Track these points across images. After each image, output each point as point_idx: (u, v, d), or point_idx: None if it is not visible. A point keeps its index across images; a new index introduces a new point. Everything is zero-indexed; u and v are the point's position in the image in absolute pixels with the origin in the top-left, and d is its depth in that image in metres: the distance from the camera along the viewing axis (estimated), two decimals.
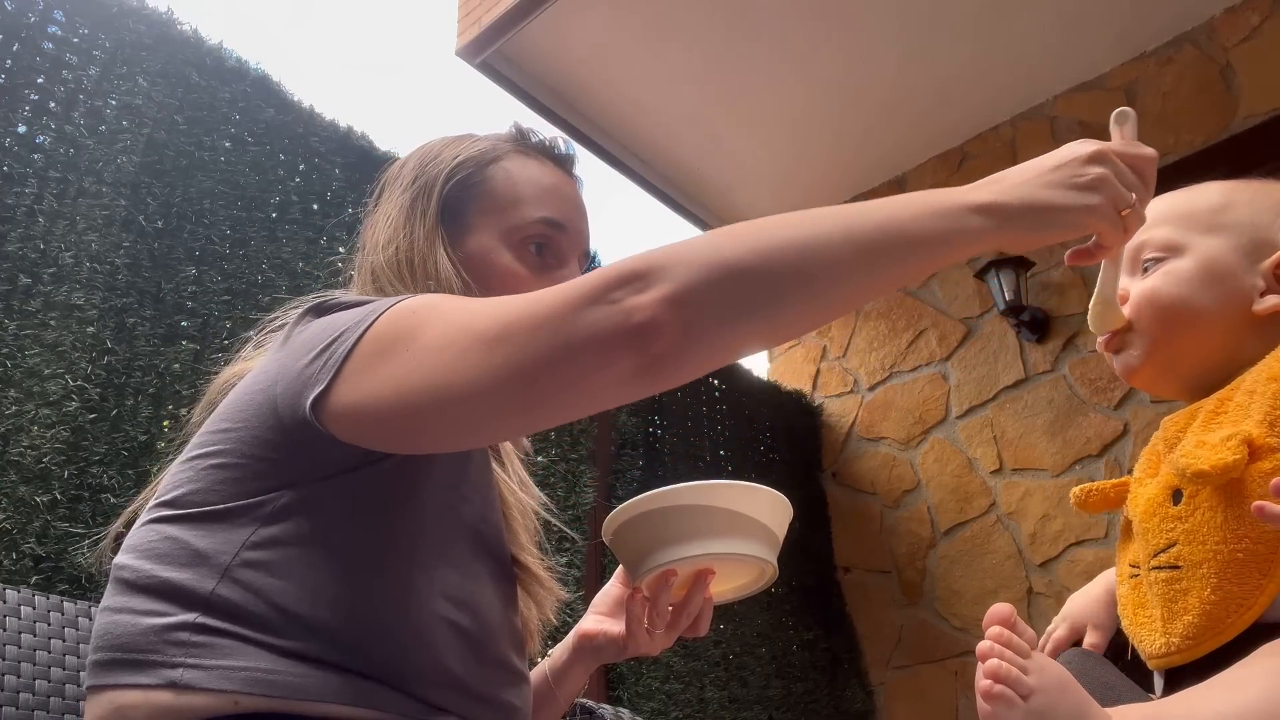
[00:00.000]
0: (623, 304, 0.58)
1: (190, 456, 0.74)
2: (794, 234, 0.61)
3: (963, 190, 0.66)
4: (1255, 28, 3.29)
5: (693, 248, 0.60)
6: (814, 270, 0.61)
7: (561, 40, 3.43)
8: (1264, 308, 0.82)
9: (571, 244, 0.92)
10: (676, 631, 0.86)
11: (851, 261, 0.61)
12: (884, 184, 4.22)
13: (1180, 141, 3.36)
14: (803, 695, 3.32)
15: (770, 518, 0.81)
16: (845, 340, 4.16)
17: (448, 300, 0.69)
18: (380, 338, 0.66)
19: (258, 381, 0.73)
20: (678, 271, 0.58)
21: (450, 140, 0.96)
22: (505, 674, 0.80)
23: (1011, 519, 3.44)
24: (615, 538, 0.83)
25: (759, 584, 0.86)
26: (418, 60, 19.56)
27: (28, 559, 1.51)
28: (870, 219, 0.62)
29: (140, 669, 0.65)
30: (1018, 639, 0.65)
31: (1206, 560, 0.75)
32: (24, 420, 1.58)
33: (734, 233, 0.62)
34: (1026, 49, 3.52)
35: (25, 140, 1.79)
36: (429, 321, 0.65)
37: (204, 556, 0.68)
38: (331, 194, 2.30)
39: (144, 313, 1.84)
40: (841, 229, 0.62)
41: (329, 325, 0.71)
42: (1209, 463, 0.73)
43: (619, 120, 3.82)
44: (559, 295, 0.60)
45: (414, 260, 0.85)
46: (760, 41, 3.44)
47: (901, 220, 0.63)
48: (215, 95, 2.13)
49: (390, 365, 0.64)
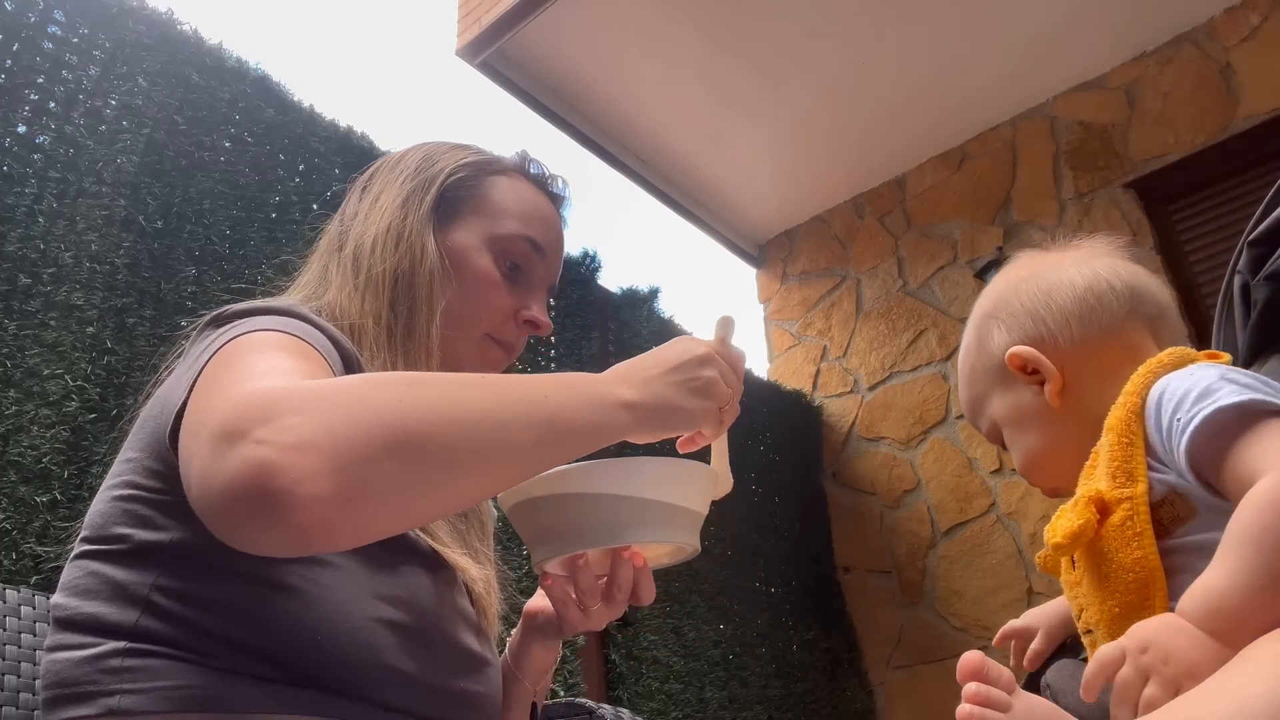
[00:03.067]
0: (255, 445, 0.54)
1: (106, 486, 0.75)
2: (479, 411, 0.61)
3: (609, 383, 0.71)
4: (1255, 28, 3.29)
5: (359, 412, 0.56)
6: (493, 453, 0.62)
7: (561, 40, 3.43)
8: (1051, 396, 0.87)
9: (544, 274, 0.97)
10: (617, 604, 0.79)
11: (529, 449, 0.64)
12: (884, 184, 4.23)
13: (1180, 141, 3.36)
14: (803, 695, 3.32)
15: (683, 495, 0.74)
16: (845, 340, 4.16)
17: (256, 343, 0.68)
18: (208, 372, 0.67)
19: (153, 406, 0.75)
20: (306, 424, 0.54)
21: (455, 145, 1.00)
22: (462, 661, 0.79)
23: (1011, 519, 3.44)
24: (511, 517, 0.76)
25: (681, 556, 0.80)
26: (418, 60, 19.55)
27: (28, 559, 1.51)
28: (545, 407, 0.65)
29: (80, 701, 0.66)
30: (995, 691, 0.64)
31: (1100, 620, 0.78)
32: (24, 420, 1.58)
33: (401, 406, 0.58)
34: (1026, 49, 3.52)
35: (25, 140, 1.79)
36: (223, 363, 0.66)
37: (122, 589, 0.69)
38: (331, 194, 2.29)
39: (144, 313, 1.83)
40: (523, 416, 0.64)
41: (201, 350, 0.72)
42: (1061, 534, 0.76)
43: (619, 120, 3.82)
44: (219, 425, 0.56)
45: (403, 238, 0.89)
46: (760, 42, 3.44)
47: (568, 411, 0.67)
48: (215, 95, 2.13)
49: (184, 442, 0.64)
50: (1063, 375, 0.87)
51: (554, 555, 0.74)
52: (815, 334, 4.29)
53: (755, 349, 4.53)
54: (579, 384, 0.70)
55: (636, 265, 12.85)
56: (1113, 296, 0.88)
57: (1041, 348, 0.88)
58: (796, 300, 4.42)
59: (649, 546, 0.79)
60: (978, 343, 0.96)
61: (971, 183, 3.93)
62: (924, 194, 4.08)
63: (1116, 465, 0.76)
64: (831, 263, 4.34)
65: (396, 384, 0.61)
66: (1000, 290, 0.95)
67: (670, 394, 0.73)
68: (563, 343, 2.88)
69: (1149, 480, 0.74)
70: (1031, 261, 0.96)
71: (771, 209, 4.42)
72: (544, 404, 0.65)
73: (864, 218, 4.28)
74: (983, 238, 3.80)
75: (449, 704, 0.77)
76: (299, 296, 0.90)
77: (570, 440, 0.67)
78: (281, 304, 0.79)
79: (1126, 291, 0.88)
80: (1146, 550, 0.73)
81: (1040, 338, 0.89)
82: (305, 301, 0.88)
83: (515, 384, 0.66)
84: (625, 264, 8.97)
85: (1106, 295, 0.88)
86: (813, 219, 4.46)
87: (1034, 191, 3.73)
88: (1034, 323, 0.90)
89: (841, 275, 4.29)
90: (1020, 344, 0.89)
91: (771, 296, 4.55)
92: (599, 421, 0.69)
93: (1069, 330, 0.88)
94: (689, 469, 0.75)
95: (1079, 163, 3.63)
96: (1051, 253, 0.96)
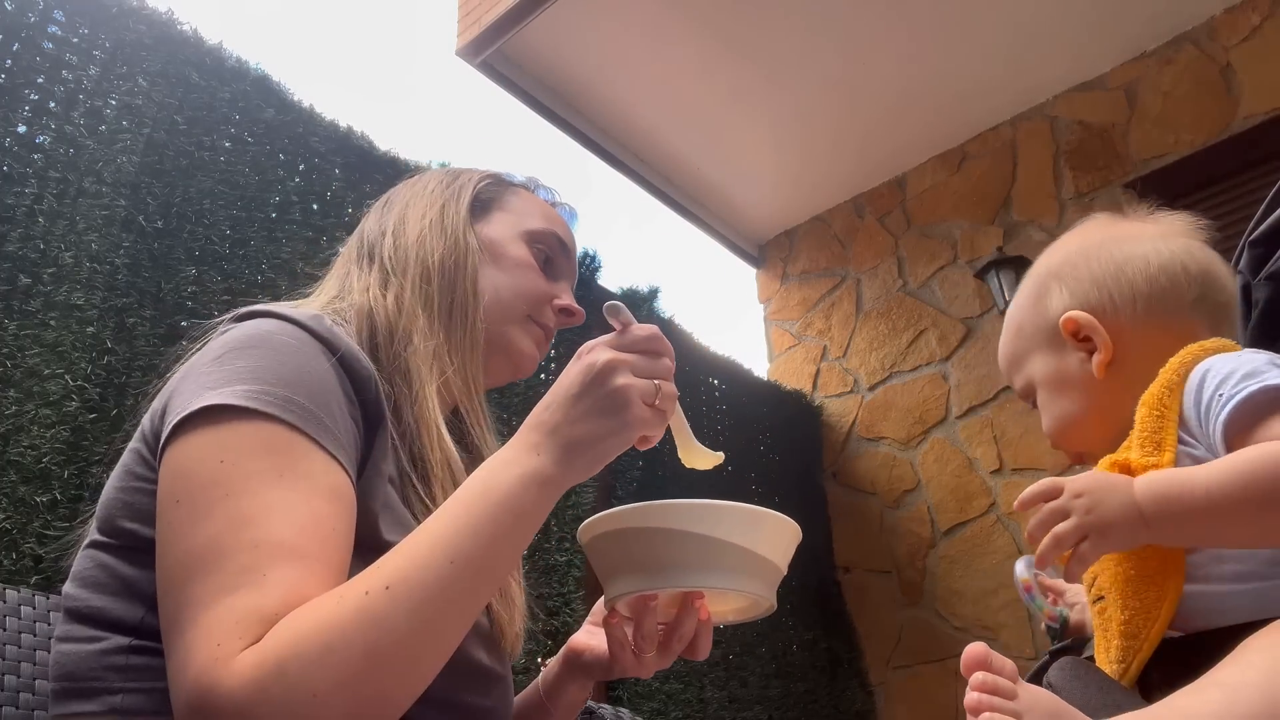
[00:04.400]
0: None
1: (115, 475, 0.76)
2: (408, 629, 0.61)
3: (516, 462, 0.68)
4: (1255, 28, 3.29)
5: (295, 697, 0.58)
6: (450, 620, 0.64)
7: (561, 40, 3.43)
8: (1099, 367, 0.86)
9: (569, 270, 1.02)
10: (671, 654, 0.78)
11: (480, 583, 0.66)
12: (884, 184, 4.22)
13: (1180, 141, 3.36)
14: (803, 695, 3.32)
15: (771, 548, 0.72)
16: (845, 340, 4.16)
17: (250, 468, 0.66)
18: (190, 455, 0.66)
19: (160, 400, 0.75)
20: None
21: (472, 167, 1.06)
22: (474, 675, 0.79)
23: (1011, 519, 3.44)
24: (589, 550, 0.75)
25: (755, 611, 0.77)
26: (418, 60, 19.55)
27: (28, 559, 1.51)
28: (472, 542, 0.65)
29: (85, 697, 0.67)
30: (1002, 680, 0.64)
31: (1113, 584, 0.79)
32: (24, 420, 1.58)
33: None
34: (1026, 49, 3.52)
35: (25, 140, 1.79)
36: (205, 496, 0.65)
37: (129, 585, 0.69)
38: (331, 194, 2.30)
39: (144, 313, 1.83)
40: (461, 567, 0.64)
41: (217, 356, 0.72)
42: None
43: (619, 119, 3.82)
44: (185, 702, 0.58)
45: (446, 231, 0.93)
46: (761, 41, 3.44)
47: (493, 527, 0.65)
48: (215, 95, 2.13)
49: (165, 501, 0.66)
50: (1114, 348, 0.86)
51: (629, 592, 0.72)
52: (815, 334, 4.29)
53: (755, 349, 4.54)
54: (496, 496, 0.67)
55: (636, 265, 12.85)
56: (1185, 280, 0.86)
57: (1101, 317, 0.87)
58: (796, 300, 4.42)
59: (721, 598, 0.77)
60: (1034, 299, 0.93)
61: (971, 183, 3.93)
62: (924, 194, 4.08)
63: (1146, 435, 0.77)
64: (831, 263, 4.34)
65: (341, 651, 0.59)
66: (1070, 251, 0.93)
67: (582, 431, 0.68)
68: (562, 342, 2.88)
69: (1177, 452, 0.75)
70: (1107, 228, 0.93)
71: (771, 209, 4.42)
72: (470, 539, 0.64)
73: (864, 218, 4.28)
74: (983, 238, 3.80)
75: (452, 718, 0.76)
76: (321, 302, 0.90)
77: (515, 539, 0.67)
78: (304, 315, 0.77)
79: (1200, 277, 0.87)
80: None
81: (1101, 308, 0.87)
82: (328, 304, 0.88)
83: (436, 541, 0.65)
84: (625, 264, 8.97)
85: (1179, 278, 0.86)
86: (813, 219, 4.46)
87: (1034, 191, 3.73)
88: (1098, 291, 0.88)
89: (841, 275, 4.29)
90: (1080, 310, 0.88)
91: (771, 296, 4.55)
92: (526, 508, 0.67)
93: (1133, 307, 0.87)
94: (774, 520, 0.72)
95: (1079, 163, 3.63)
96: (1129, 222, 0.93)
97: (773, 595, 0.74)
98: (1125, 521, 0.71)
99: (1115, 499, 0.71)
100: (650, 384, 0.71)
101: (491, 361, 0.95)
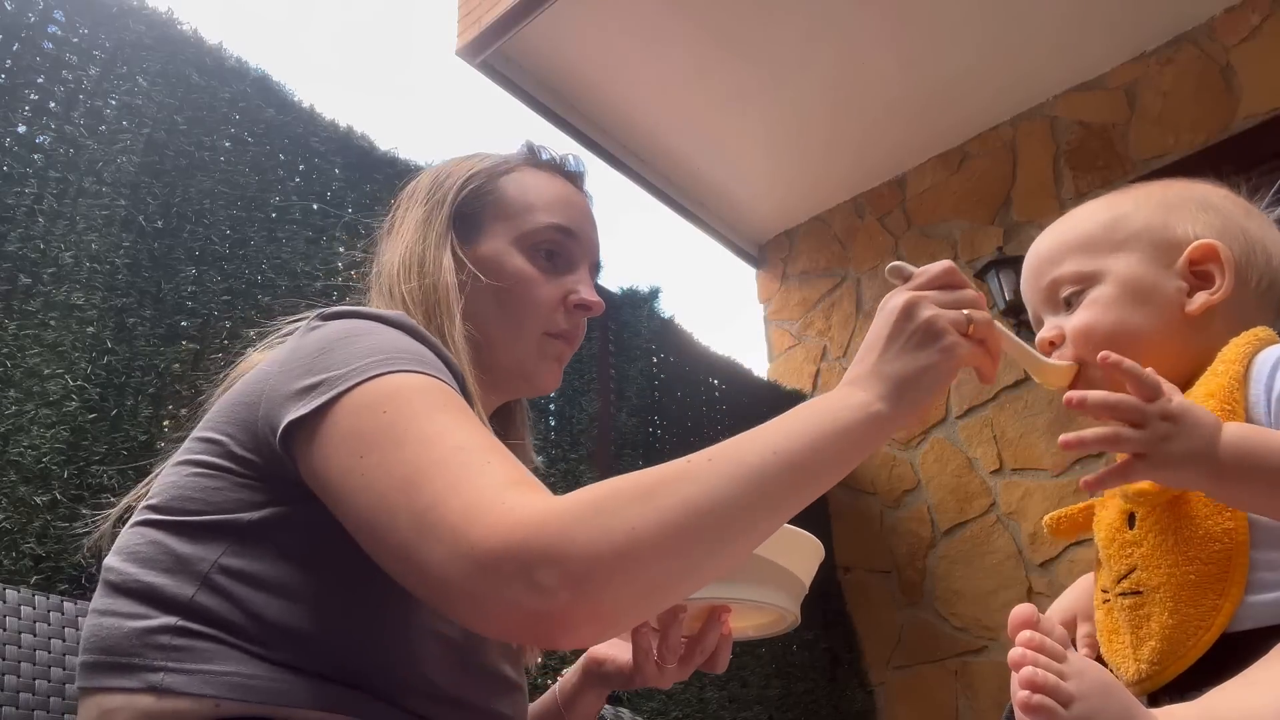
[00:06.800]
0: (534, 592, 0.55)
1: (179, 460, 0.75)
2: (725, 496, 0.60)
3: (845, 396, 0.68)
4: (1255, 28, 3.29)
5: (614, 526, 0.57)
6: (760, 519, 0.63)
7: (561, 40, 3.43)
8: (1197, 307, 0.82)
9: (583, 250, 0.95)
10: (690, 666, 0.81)
11: (790, 501, 0.64)
12: (884, 184, 4.22)
13: (1180, 141, 3.36)
14: (803, 695, 3.32)
15: (796, 562, 0.73)
16: (845, 340, 4.16)
17: (417, 405, 0.66)
18: (352, 420, 0.66)
19: (249, 391, 0.74)
20: (593, 570, 0.55)
21: (462, 158, 0.99)
22: (494, 683, 0.79)
23: (1011, 519, 3.44)
24: None
25: (780, 626, 0.80)
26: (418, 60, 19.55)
27: (28, 559, 1.51)
28: (799, 446, 0.64)
29: (123, 672, 0.66)
30: (1050, 642, 0.61)
31: (1163, 584, 0.74)
32: (24, 420, 1.58)
33: (660, 502, 0.59)
34: (1026, 49, 3.52)
35: (25, 140, 1.79)
36: (390, 436, 0.64)
37: (184, 562, 0.69)
38: (331, 194, 2.30)
39: (144, 313, 1.84)
40: (784, 470, 0.63)
41: (322, 349, 0.71)
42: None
43: (619, 120, 3.82)
44: (487, 551, 0.56)
45: (425, 262, 0.89)
46: (761, 42, 3.44)
47: (821, 451, 0.65)
48: (215, 95, 2.13)
49: (345, 464, 0.64)
50: (1223, 300, 0.82)
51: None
52: (815, 334, 4.29)
53: (755, 349, 4.54)
54: (824, 413, 0.67)
55: (636, 265, 12.85)
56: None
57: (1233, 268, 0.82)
58: (796, 300, 4.42)
59: (745, 614, 0.79)
60: (1163, 208, 0.87)
61: (971, 183, 3.93)
62: (924, 194, 4.08)
63: None
64: (831, 263, 4.34)
65: (661, 498, 0.59)
66: (1228, 205, 0.88)
67: (901, 366, 0.69)
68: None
69: None
70: (1258, 214, 0.89)
71: (771, 209, 4.42)
72: (796, 440, 0.64)
73: (864, 218, 4.28)
74: (983, 238, 3.80)
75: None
76: None
77: (837, 455, 0.66)
78: (394, 315, 0.77)
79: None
80: (1239, 521, 0.71)
81: (1237, 261, 0.83)
82: None
83: (763, 436, 0.65)
84: (625, 264, 8.97)
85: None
86: (813, 219, 4.46)
87: (1034, 191, 3.73)
88: (1244, 247, 0.84)
89: (841, 275, 4.29)
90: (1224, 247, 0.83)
91: (771, 296, 4.55)
92: (854, 434, 0.66)
93: (1264, 282, 0.84)
94: (804, 539, 0.73)
95: (1079, 163, 3.63)
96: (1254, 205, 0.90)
97: (797, 611, 0.75)
98: (1193, 465, 0.67)
99: (1197, 437, 0.67)
100: (959, 313, 0.71)
101: (510, 384, 0.94)
